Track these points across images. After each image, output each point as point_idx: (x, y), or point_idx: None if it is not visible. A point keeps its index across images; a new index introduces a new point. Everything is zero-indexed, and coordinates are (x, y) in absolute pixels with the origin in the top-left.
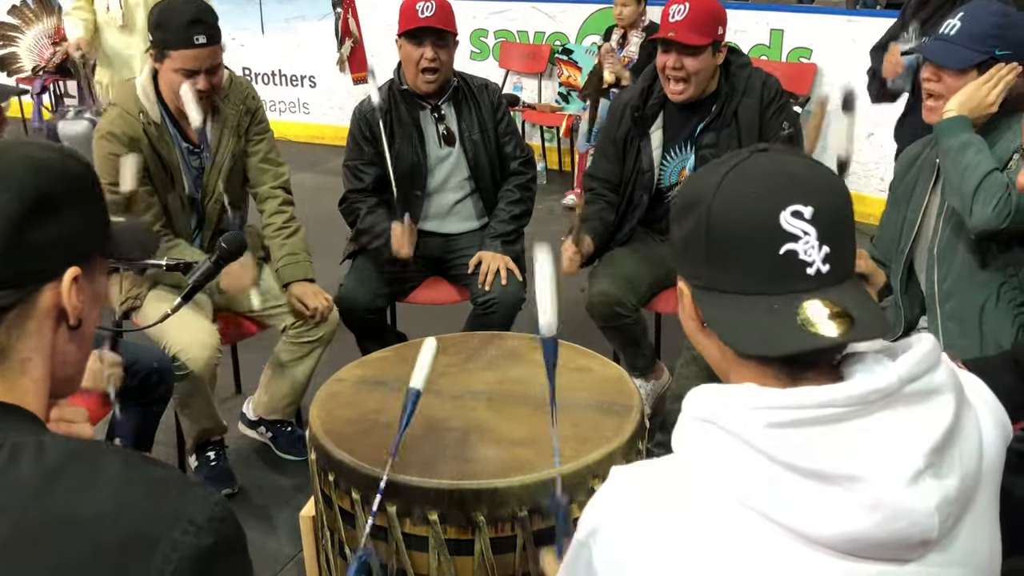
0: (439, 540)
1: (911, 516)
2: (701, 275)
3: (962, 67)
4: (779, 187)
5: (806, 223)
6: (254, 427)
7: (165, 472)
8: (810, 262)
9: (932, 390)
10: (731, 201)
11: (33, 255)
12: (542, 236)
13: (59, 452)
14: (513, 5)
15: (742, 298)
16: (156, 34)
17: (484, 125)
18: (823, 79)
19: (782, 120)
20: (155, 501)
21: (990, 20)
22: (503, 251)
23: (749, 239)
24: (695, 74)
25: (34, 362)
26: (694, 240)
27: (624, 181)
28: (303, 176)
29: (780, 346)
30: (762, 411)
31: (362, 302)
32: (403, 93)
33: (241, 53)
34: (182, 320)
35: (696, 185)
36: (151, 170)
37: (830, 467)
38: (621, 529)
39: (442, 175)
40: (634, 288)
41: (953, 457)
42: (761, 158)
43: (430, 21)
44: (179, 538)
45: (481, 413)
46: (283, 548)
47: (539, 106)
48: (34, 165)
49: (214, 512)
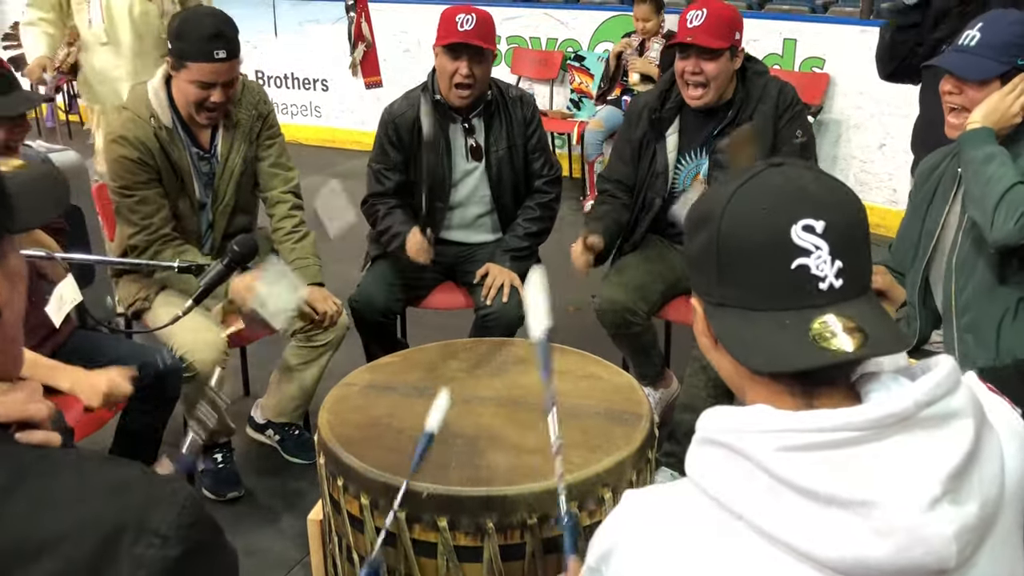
0: (448, 546)
1: (928, 544)
2: (713, 291)
3: (984, 78)
4: (790, 201)
5: (817, 237)
6: (262, 430)
7: (125, 474)
8: (822, 277)
9: (950, 414)
10: (741, 216)
11: None
12: (550, 243)
13: (6, 471)
14: (526, 11)
15: (753, 314)
16: (176, 44)
17: (513, 140)
18: (836, 89)
19: (795, 128)
20: (116, 512)
21: (1011, 30)
22: (511, 267)
23: (760, 254)
24: (714, 78)
25: None
26: (705, 256)
27: (638, 184)
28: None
29: (791, 362)
30: (775, 434)
31: (378, 304)
32: (435, 103)
33: (254, 56)
34: (190, 322)
35: (708, 201)
36: (162, 174)
37: (844, 492)
38: (634, 555)
39: (467, 189)
40: (645, 296)
41: (972, 483)
42: (773, 173)
43: (469, 36)
44: (143, 552)
45: (490, 419)
46: (290, 552)
47: (551, 113)
48: None
49: (180, 518)
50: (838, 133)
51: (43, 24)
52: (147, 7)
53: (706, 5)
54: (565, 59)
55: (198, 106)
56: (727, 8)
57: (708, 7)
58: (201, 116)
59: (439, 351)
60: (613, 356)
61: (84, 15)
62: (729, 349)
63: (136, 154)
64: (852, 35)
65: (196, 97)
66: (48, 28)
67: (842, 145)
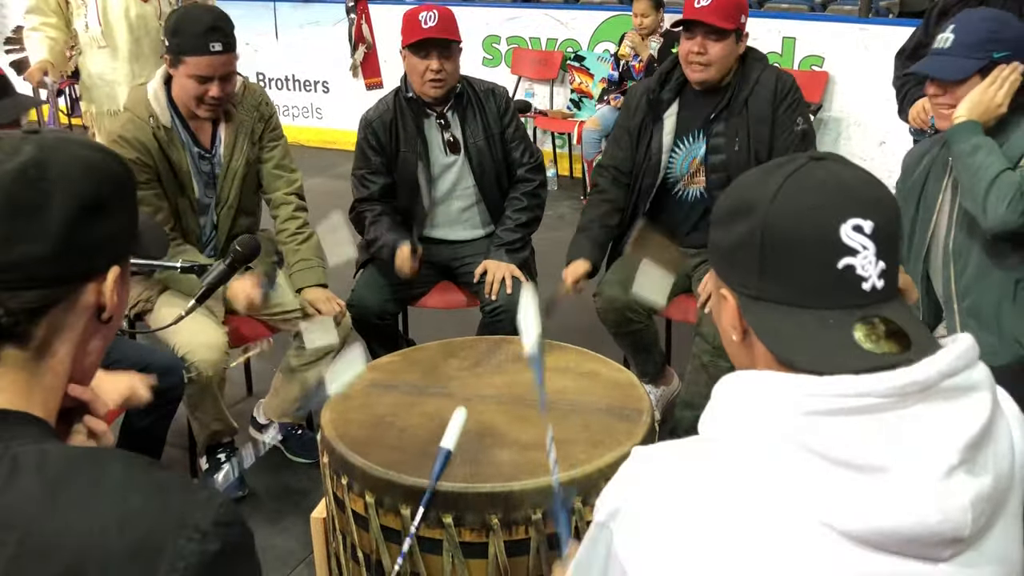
0: (453, 543)
1: (944, 511)
2: (751, 284)
3: (963, 77)
4: (838, 199)
5: (866, 238)
6: (264, 430)
7: (168, 477)
8: (866, 277)
9: (970, 387)
10: (790, 210)
11: (84, 254)
12: (553, 243)
13: (61, 462)
14: (525, 12)
15: (795, 310)
16: (172, 40)
17: (490, 131)
18: (836, 86)
19: (796, 116)
20: (159, 508)
21: (983, 26)
22: (508, 259)
23: (808, 251)
24: (718, 60)
25: (60, 357)
26: (746, 248)
27: (635, 169)
28: (316, 181)
29: (838, 364)
30: (798, 399)
31: (372, 308)
32: (408, 101)
33: (255, 58)
34: (191, 323)
35: (749, 190)
36: (161, 175)
37: (863, 457)
38: (643, 511)
39: (448, 183)
40: None
41: (987, 455)
42: (816, 167)
43: (433, 32)
44: (184, 545)
45: (492, 416)
46: (293, 550)
47: (551, 112)
48: (87, 167)
49: (219, 516)
50: (838, 131)
51: (46, 28)
52: (144, 10)
53: None
54: (565, 59)
55: (198, 101)
56: None
57: None
58: (201, 110)
59: (439, 350)
60: (614, 354)
61: (81, 19)
62: (770, 344)
63: (135, 154)
64: (851, 33)
65: (195, 92)
66: (51, 32)
67: (842, 143)
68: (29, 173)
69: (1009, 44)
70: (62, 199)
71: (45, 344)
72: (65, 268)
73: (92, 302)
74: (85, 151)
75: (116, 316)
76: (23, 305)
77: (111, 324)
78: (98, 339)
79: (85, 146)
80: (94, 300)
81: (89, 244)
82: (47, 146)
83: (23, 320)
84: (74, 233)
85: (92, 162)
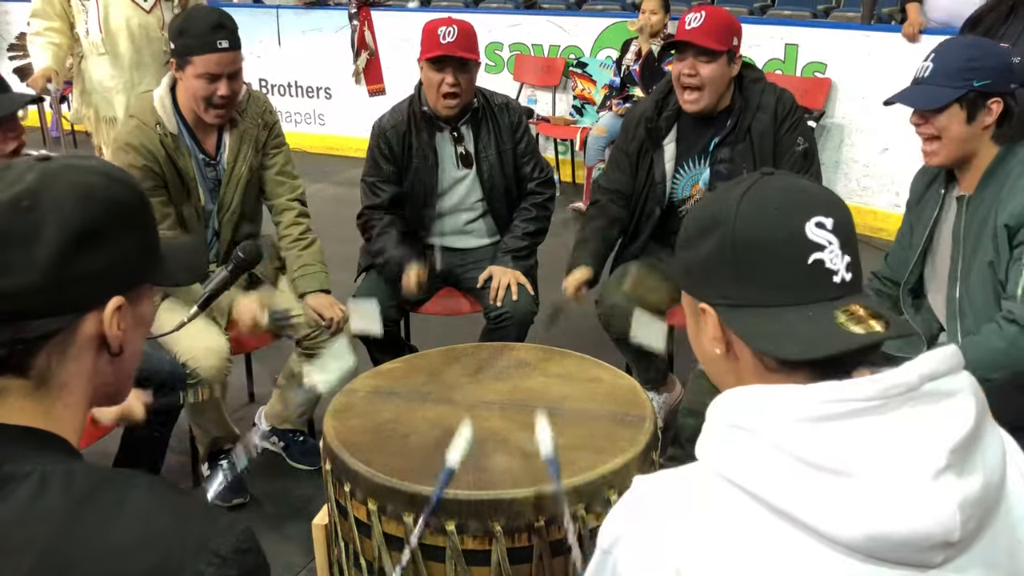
0: (456, 550)
1: (934, 513)
2: (729, 294)
3: (941, 106)
4: (798, 201)
5: (829, 233)
6: (266, 437)
7: (190, 501)
8: (836, 270)
9: (953, 391)
10: (755, 216)
11: (78, 285)
12: (555, 248)
13: (87, 481)
14: (528, 18)
15: (775, 310)
16: (179, 41)
17: (502, 145)
18: (838, 93)
19: (796, 136)
20: (181, 531)
21: (961, 54)
22: (514, 266)
23: (778, 250)
24: (710, 82)
25: (71, 387)
26: (717, 260)
27: (636, 193)
28: (318, 187)
29: (826, 347)
30: (784, 408)
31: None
32: (422, 114)
33: (258, 64)
34: (193, 329)
35: (711, 208)
36: (167, 181)
37: (851, 463)
38: (645, 538)
39: (457, 196)
40: (647, 301)
41: (975, 459)
42: (771, 179)
43: (451, 48)
44: (203, 569)
45: (495, 423)
46: (295, 557)
47: (553, 119)
48: (82, 195)
49: (239, 544)
50: (840, 138)
51: (49, 34)
52: (146, 20)
53: (705, 9)
54: (567, 66)
55: (207, 103)
56: (725, 13)
57: (707, 11)
58: (209, 115)
59: (441, 356)
60: (616, 361)
61: (82, 24)
62: (754, 344)
63: (142, 161)
64: (854, 40)
65: (204, 92)
66: (54, 37)
67: (844, 150)
68: (22, 203)
69: (989, 73)
70: (53, 230)
71: (47, 374)
72: (58, 299)
73: (93, 333)
74: (87, 178)
75: (129, 346)
76: (16, 336)
77: (124, 355)
78: (111, 369)
79: (90, 172)
80: (95, 331)
81: (84, 274)
82: (48, 174)
83: (18, 351)
84: (66, 264)
85: (91, 190)
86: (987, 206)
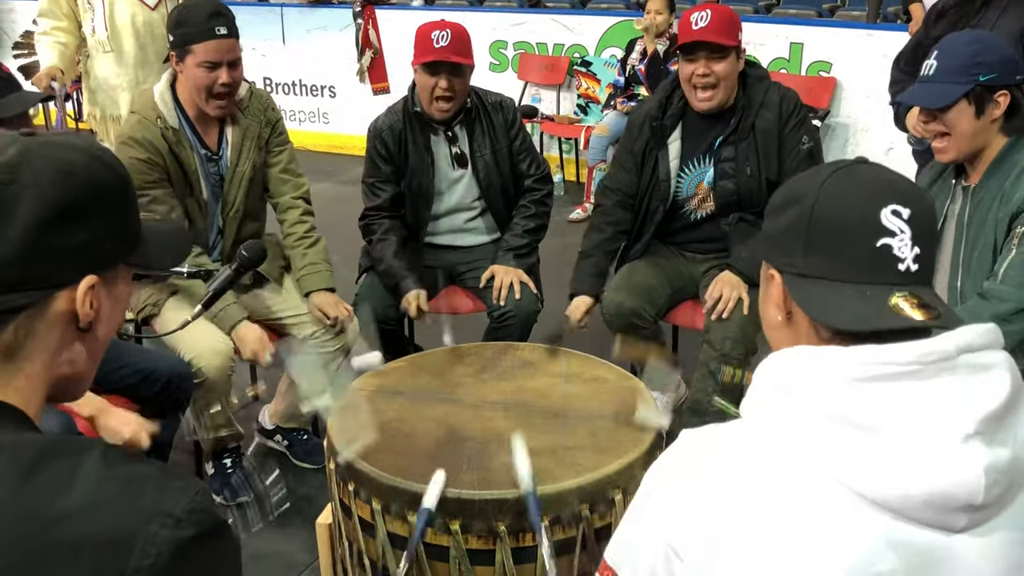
0: (460, 550)
1: (958, 475)
2: (796, 262)
3: (948, 103)
4: (881, 188)
5: (903, 222)
6: (270, 435)
7: (144, 468)
8: (902, 259)
9: (989, 365)
10: (836, 195)
11: (52, 261)
12: (559, 248)
13: (38, 449)
14: (532, 17)
15: (836, 284)
16: (177, 32)
17: (497, 144)
18: (843, 92)
19: (801, 134)
20: (133, 497)
21: (966, 50)
22: (516, 264)
23: (850, 229)
24: (724, 79)
25: (34, 361)
26: (793, 231)
27: (640, 192)
28: (323, 186)
29: (874, 323)
30: (826, 368)
31: (376, 313)
32: (416, 115)
33: (262, 63)
34: (197, 328)
35: (799, 184)
36: (171, 175)
37: (884, 422)
38: (683, 492)
39: (455, 196)
40: (652, 300)
41: (1007, 433)
42: (863, 166)
43: (445, 53)
44: (157, 531)
45: (499, 423)
46: (298, 556)
47: (557, 118)
48: (62, 172)
49: (194, 503)
50: (845, 137)
51: (56, 33)
52: (151, 17)
53: (709, 7)
54: (572, 64)
55: (208, 93)
56: (728, 9)
57: (711, 8)
58: (211, 106)
59: (445, 355)
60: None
61: (88, 22)
62: (809, 311)
63: (146, 155)
64: (859, 39)
65: (205, 81)
66: (61, 36)
67: (849, 149)
68: (0, 177)
69: (994, 67)
70: (30, 205)
71: (14, 347)
72: (30, 274)
73: (64, 310)
74: (69, 155)
75: (100, 326)
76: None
77: (95, 334)
78: (80, 347)
79: (72, 149)
80: (66, 308)
81: (58, 251)
82: (29, 149)
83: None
84: (40, 239)
85: (71, 167)
86: (991, 196)
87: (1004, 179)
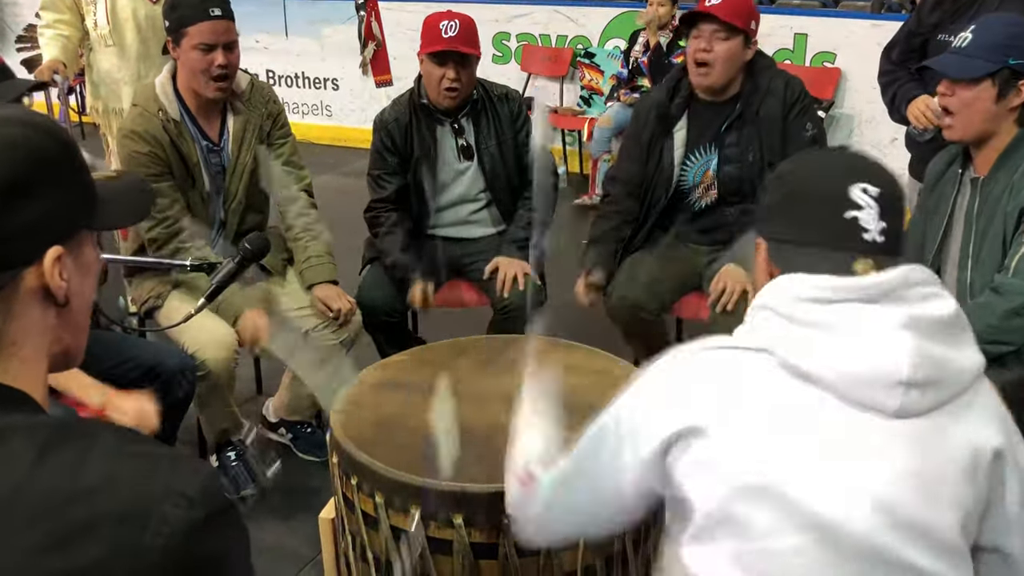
0: (464, 544)
1: (889, 352)
2: (778, 232)
3: (974, 77)
4: (852, 167)
5: (871, 199)
6: (274, 428)
7: (157, 448)
8: (868, 229)
9: (937, 294)
10: (812, 170)
11: (12, 241)
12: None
13: (52, 430)
14: (535, 8)
15: (808, 248)
16: (172, 16)
17: (502, 136)
18: (847, 83)
19: (805, 121)
20: (147, 475)
21: (1003, 31)
22: (520, 256)
23: (820, 202)
24: (722, 59)
25: (21, 343)
26: (776, 204)
27: (645, 181)
28: (326, 178)
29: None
30: (787, 289)
31: (380, 304)
32: (422, 107)
33: (265, 56)
34: (200, 320)
35: (785, 163)
36: (172, 167)
37: (836, 323)
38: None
39: (461, 188)
40: (656, 292)
41: (942, 344)
42: (844, 150)
43: (453, 43)
44: (170, 511)
45: (503, 416)
46: (302, 549)
47: (560, 109)
48: (4, 148)
49: (205, 485)
50: (849, 128)
51: (59, 26)
52: (153, 11)
53: None
54: (575, 56)
55: (206, 76)
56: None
57: None
58: (210, 88)
59: (448, 349)
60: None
61: (91, 16)
62: (784, 270)
63: (147, 148)
64: (863, 29)
65: (202, 64)
66: (64, 30)
67: (853, 140)
68: None
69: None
70: None
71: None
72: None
73: (35, 286)
74: (8, 129)
75: (77, 295)
76: None
77: (73, 304)
78: (62, 320)
79: (10, 123)
80: (37, 284)
81: (16, 230)
82: None
83: None
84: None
85: (12, 141)
86: (1001, 188)
87: (1013, 171)
